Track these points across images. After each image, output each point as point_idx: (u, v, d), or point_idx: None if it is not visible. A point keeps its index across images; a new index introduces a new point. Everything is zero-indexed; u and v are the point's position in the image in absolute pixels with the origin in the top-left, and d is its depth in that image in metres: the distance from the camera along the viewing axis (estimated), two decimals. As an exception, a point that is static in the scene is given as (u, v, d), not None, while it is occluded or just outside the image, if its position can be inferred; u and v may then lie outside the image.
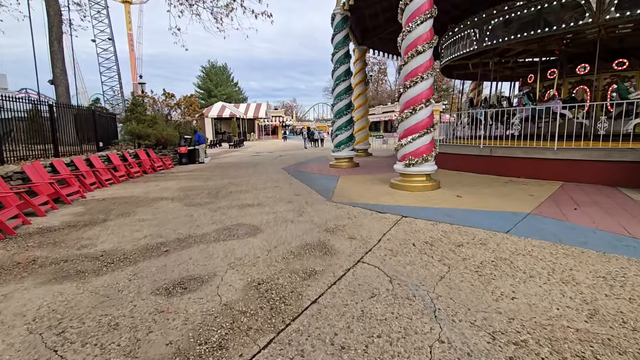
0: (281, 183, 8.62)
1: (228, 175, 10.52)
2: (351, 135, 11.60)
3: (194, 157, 15.23)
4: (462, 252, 3.59)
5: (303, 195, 6.93)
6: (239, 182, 8.97)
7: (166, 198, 7.08)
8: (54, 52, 14.35)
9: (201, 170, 12.53)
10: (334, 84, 11.41)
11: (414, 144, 6.84)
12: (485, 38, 9.39)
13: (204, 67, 54.25)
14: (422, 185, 6.89)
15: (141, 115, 13.15)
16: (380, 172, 10.23)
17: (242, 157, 17.96)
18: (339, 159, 11.62)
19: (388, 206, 5.71)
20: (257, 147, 29.01)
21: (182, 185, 8.87)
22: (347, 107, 11.34)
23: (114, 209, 6.22)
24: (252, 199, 6.74)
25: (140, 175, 11.20)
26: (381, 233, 4.34)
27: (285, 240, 4.17)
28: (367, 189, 7.39)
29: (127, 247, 4.08)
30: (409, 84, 6.72)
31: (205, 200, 6.76)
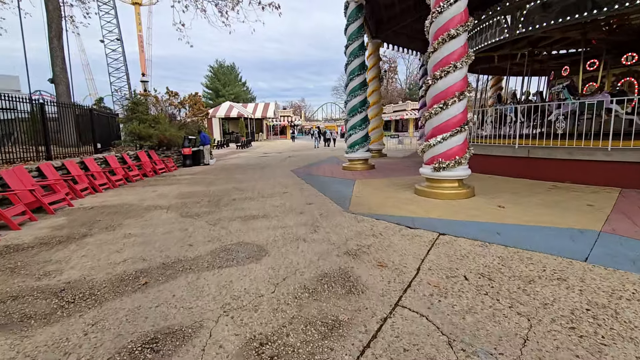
0: (291, 188, 7.75)
1: (233, 179, 9.70)
2: (366, 134, 10.67)
3: (198, 159, 14.49)
4: (537, 293, 2.64)
5: (316, 204, 6.03)
6: (244, 188, 8.13)
7: (161, 207, 6.27)
8: (54, 50, 13.76)
9: (205, 172, 11.74)
10: (348, 79, 10.49)
11: (444, 144, 5.88)
12: (518, 25, 8.35)
13: (211, 66, 53.87)
14: (453, 192, 5.93)
15: (142, 114, 12.45)
16: (400, 175, 9.27)
17: (249, 159, 17.17)
18: (353, 161, 10.69)
19: (418, 219, 4.77)
20: (265, 147, 28.26)
21: (182, 190, 8.06)
22: (361, 104, 10.41)
23: (100, 220, 5.42)
24: (257, 208, 5.87)
25: (139, 178, 10.47)
26: (418, 258, 3.42)
27: (296, 268, 3.28)
28: (388, 196, 6.46)
29: (98, 277, 3.24)
30: (440, 75, 5.76)
31: (205, 209, 5.92)
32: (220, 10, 14.13)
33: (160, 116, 13.36)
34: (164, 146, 14.03)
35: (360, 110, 10.37)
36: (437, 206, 5.48)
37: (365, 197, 6.44)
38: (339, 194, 6.85)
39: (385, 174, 9.51)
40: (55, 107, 9.52)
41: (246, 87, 58.20)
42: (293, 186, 8.04)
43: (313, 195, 6.82)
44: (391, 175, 9.21)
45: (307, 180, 8.96)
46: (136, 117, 12.40)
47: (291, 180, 9.11)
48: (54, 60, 13.74)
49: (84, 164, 8.81)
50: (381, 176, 9.16)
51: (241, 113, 36.19)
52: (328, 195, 6.70)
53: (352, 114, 10.41)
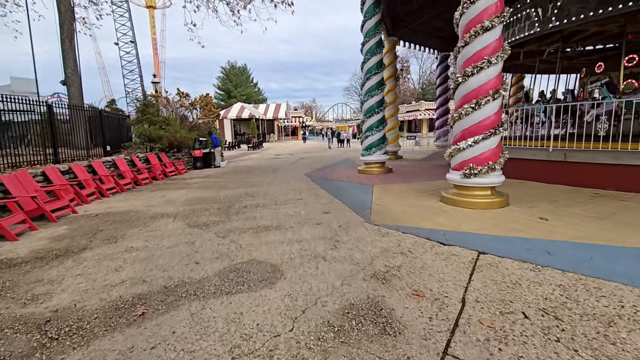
0: (305, 194, 7.28)
1: (244, 183, 9.30)
2: (383, 136, 10.13)
3: (209, 161, 14.19)
4: (624, 341, 2.10)
5: (333, 212, 5.55)
6: (255, 193, 7.70)
7: (168, 215, 5.88)
8: (66, 51, 13.67)
9: (216, 176, 11.39)
10: (364, 78, 9.98)
11: (476, 148, 5.32)
12: (552, 17, 7.70)
13: (223, 68, 54.02)
14: (486, 201, 5.36)
15: (153, 116, 12.20)
16: (420, 179, 8.70)
17: (260, 160, 16.81)
18: (370, 164, 10.17)
19: (451, 233, 4.24)
20: (277, 148, 27.94)
21: (191, 196, 7.69)
22: (378, 105, 9.88)
23: (103, 230, 5.06)
24: (270, 217, 5.42)
25: (148, 182, 10.17)
26: (460, 285, 2.90)
27: (317, 297, 2.80)
28: (412, 204, 5.92)
29: (90, 303, 2.83)
30: (471, 71, 5.21)
31: (214, 218, 5.51)
32: (232, 9, 13.82)
33: (170, 118, 13.10)
34: (175, 148, 13.77)
35: (377, 110, 9.85)
36: (468, 217, 4.93)
37: (387, 205, 5.92)
38: (357, 201, 6.35)
39: (404, 179, 8.96)
40: (64, 110, 9.30)
41: (258, 88, 58.20)
42: (307, 191, 7.57)
43: (329, 203, 6.33)
44: (411, 180, 8.65)
45: (322, 184, 8.48)
46: (146, 118, 12.16)
47: (305, 184, 8.64)
48: (66, 62, 13.64)
49: (92, 167, 8.55)
50: (400, 181, 8.61)
51: (252, 114, 36.00)
52: (345, 203, 6.21)
53: (369, 114, 9.89)
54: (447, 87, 17.68)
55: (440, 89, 17.49)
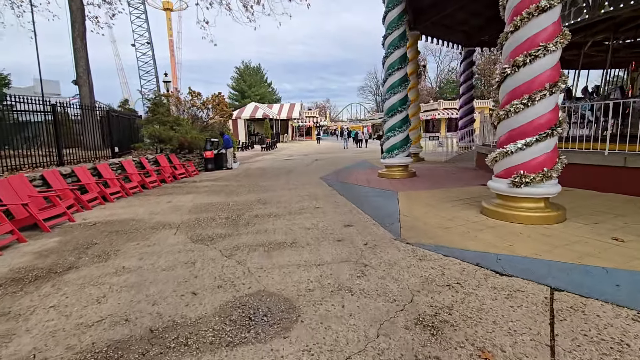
0: (322, 201, 6.58)
1: (256, 187, 8.67)
2: (407, 137, 9.33)
3: (221, 163, 13.66)
4: None
5: (356, 225, 4.82)
6: (268, 199, 7.05)
7: (171, 225, 5.28)
8: (77, 50, 13.40)
9: (227, 179, 10.82)
10: (386, 74, 9.19)
11: (527, 151, 4.49)
12: (604, 2, 6.75)
13: (238, 68, 53.91)
14: (539, 215, 4.52)
15: (163, 116, 11.74)
16: (449, 185, 7.86)
17: (273, 162, 16.21)
18: (391, 168, 9.37)
19: (505, 258, 3.44)
20: (291, 149, 27.36)
21: (199, 202, 7.10)
22: (401, 103, 9.08)
23: (97, 243, 4.48)
24: (284, 230, 4.73)
25: (156, 185, 9.67)
26: (541, 343, 2.12)
27: (347, 355, 2.08)
28: (447, 216, 5.13)
29: (53, 355, 2.19)
30: (523, 61, 4.38)
31: (220, 231, 4.86)
32: (245, 5, 13.26)
33: (181, 118, 12.64)
34: (186, 149, 13.31)
35: (400, 109, 9.05)
36: (521, 235, 4.11)
37: (418, 217, 5.15)
38: (382, 211, 5.59)
39: (431, 184, 8.13)
40: (72, 110, 8.89)
41: (272, 88, 57.89)
42: (324, 198, 6.86)
43: (350, 212, 5.60)
44: (440, 186, 7.81)
45: (340, 190, 7.75)
46: (156, 119, 11.72)
47: (321, 190, 7.93)
48: (77, 61, 13.39)
49: (97, 170, 8.08)
50: (427, 186, 7.79)
51: (266, 114, 35.58)
52: (369, 213, 5.46)
53: (391, 113, 9.10)
54: (472, 84, 16.66)
55: (464, 86, 16.47)
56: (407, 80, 9.20)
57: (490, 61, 45.20)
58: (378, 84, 79.29)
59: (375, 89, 79.84)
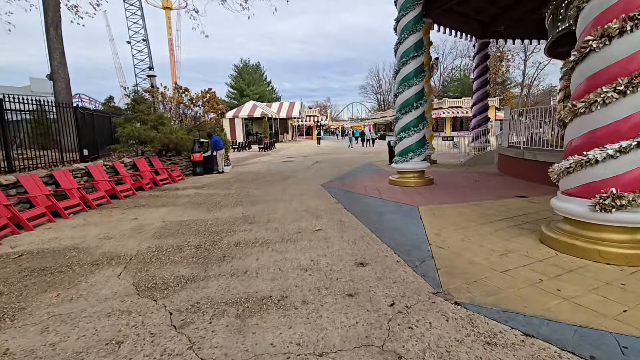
0: (324, 220, 5.20)
1: (245, 198, 7.29)
2: (423, 138, 7.94)
3: (210, 166, 12.27)
4: None
5: (373, 264, 3.44)
6: (257, 215, 5.68)
7: (120, 259, 3.90)
8: (51, 41, 12.01)
9: (214, 185, 9.44)
10: (399, 64, 7.81)
11: (621, 161, 3.10)
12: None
13: (236, 66, 52.45)
14: (636, 253, 3.14)
15: (143, 114, 10.36)
16: (479, 196, 6.46)
17: (270, 164, 14.83)
18: (405, 173, 7.99)
19: (632, 344, 2.06)
20: (290, 149, 25.97)
21: (171, 219, 5.72)
22: (417, 97, 7.70)
23: (1, 293, 3.11)
24: (271, 272, 3.36)
25: (131, 194, 8.30)
26: None
27: None
28: (496, 247, 3.75)
29: None
30: (619, 29, 2.99)
31: (183, 271, 3.49)
32: (238, -10, 11.84)
33: (164, 116, 11.25)
34: (172, 151, 11.94)
35: (416, 104, 7.66)
36: (624, 288, 2.73)
37: (456, 248, 3.76)
38: (405, 236, 4.22)
39: (456, 195, 6.74)
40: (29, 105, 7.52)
41: (271, 87, 56.45)
42: (327, 215, 5.48)
43: (362, 239, 4.22)
44: (467, 197, 6.43)
45: (346, 202, 6.38)
46: (136, 117, 10.34)
47: (323, 202, 6.55)
48: (51, 53, 12.00)
49: (54, 178, 6.71)
50: (452, 198, 6.40)
51: (265, 113, 34.20)
52: (388, 241, 4.08)
53: (405, 109, 7.72)
54: (487, 79, 15.25)
55: (478, 82, 15.07)
56: (423, 70, 7.81)
57: (497, 58, 43.73)
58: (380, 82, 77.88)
59: (377, 87, 78.45)
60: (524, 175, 7.95)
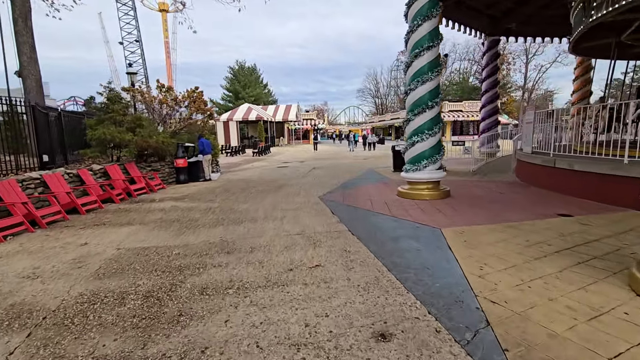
0: (325, 250, 4.01)
1: (229, 215, 6.10)
2: (439, 143, 6.82)
3: (196, 173, 11.06)
4: None
5: (400, 337, 2.25)
6: (238, 242, 4.48)
7: (28, 319, 2.70)
8: (19, 34, 10.78)
9: (196, 196, 8.24)
10: (411, 56, 6.69)
11: None
12: None
13: (231, 67, 51.27)
14: None
15: (117, 114, 9.16)
16: (512, 214, 5.30)
17: (263, 171, 13.64)
18: (416, 184, 6.84)
19: None
20: (286, 154, 24.80)
21: (128, 245, 4.51)
22: (432, 95, 6.58)
23: None
24: (243, 350, 2.16)
25: (96, 207, 7.09)
26: None
27: None
28: (573, 300, 2.58)
29: None
30: None
31: (108, 348, 2.28)
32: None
33: (143, 117, 10.06)
34: (154, 156, 10.75)
35: (431, 104, 6.54)
36: None
37: (516, 304, 2.58)
38: (435, 278, 3.05)
39: (482, 211, 5.57)
40: None
41: (268, 90, 55.29)
42: (328, 242, 4.29)
43: (377, 285, 3.04)
44: (497, 215, 5.26)
45: (350, 222, 5.20)
46: (110, 117, 9.14)
47: (322, 221, 5.37)
48: (20, 47, 10.79)
49: (-6, 190, 5.49)
50: (479, 216, 5.23)
51: (260, 116, 33.04)
52: (416, 291, 2.90)
53: (417, 109, 6.59)
54: (497, 80, 14.23)
55: (487, 82, 14.02)
56: (439, 64, 6.69)
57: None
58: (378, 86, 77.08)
59: (375, 91, 77.63)
60: (556, 186, 6.82)
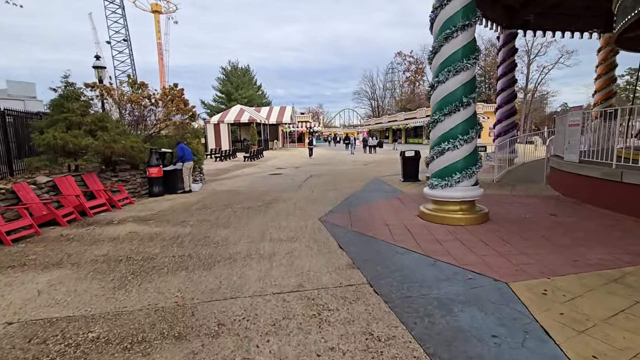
0: (336, 327, 2.45)
1: (199, 251, 4.50)
2: (475, 152, 5.30)
3: (174, 184, 9.44)
4: None
5: None
6: (201, 306, 2.89)
7: None
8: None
9: (166, 217, 6.63)
10: (439, 39, 5.18)
11: None
12: None
13: (224, 68, 49.54)
14: None
15: (73, 114, 7.51)
16: (591, 249, 3.77)
17: (254, 179, 12.04)
18: (446, 204, 5.31)
19: None
20: (280, 158, 23.20)
21: (30, 315, 2.90)
22: (467, 90, 5.08)
23: None
24: None
25: (31, 233, 5.44)
26: None
27: None
28: None
29: None
30: None
31: None
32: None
33: (107, 117, 8.41)
34: (127, 164, 9.12)
35: (466, 101, 5.03)
36: None
37: None
38: None
39: (549, 247, 4.05)
40: None
41: (261, 91, 53.66)
42: (341, 314, 2.73)
43: None
44: (573, 253, 3.74)
45: (367, 265, 3.65)
46: (64, 118, 7.49)
47: (328, 265, 3.80)
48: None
49: None
50: (550, 256, 3.70)
51: (253, 118, 31.42)
52: None
53: (447, 108, 5.08)
54: (514, 78, 12.84)
55: (503, 80, 12.61)
56: (476, 49, 5.18)
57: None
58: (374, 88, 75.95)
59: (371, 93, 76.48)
60: (624, 207, 5.34)
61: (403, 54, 63.26)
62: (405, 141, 50.10)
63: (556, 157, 8.20)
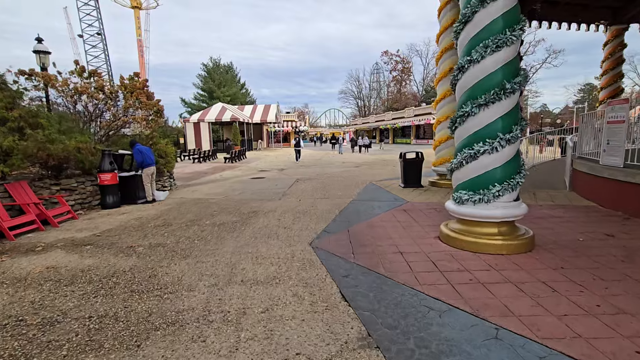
0: None
1: (136, 304, 3.03)
2: (517, 157, 4.01)
3: (133, 192, 7.85)
4: None
5: None
6: None
7: None
8: None
9: (109, 241, 5.09)
10: (467, 12, 3.87)
11: None
12: None
13: (205, 64, 47.33)
14: None
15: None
16: None
17: (232, 185, 10.52)
18: (477, 225, 4.00)
19: None
20: (264, 159, 21.66)
21: None
22: (510, 73, 3.80)
23: None
24: None
25: None
26: None
27: None
28: None
29: None
30: None
31: None
32: None
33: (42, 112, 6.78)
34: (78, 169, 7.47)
35: (510, 87, 3.75)
36: None
37: None
38: None
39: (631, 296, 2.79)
40: None
41: (245, 89, 51.69)
42: None
43: None
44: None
45: (388, 338, 2.28)
46: (-18, 113, 5.84)
47: (326, 331, 2.40)
48: None
49: None
50: None
51: (236, 116, 29.70)
52: None
53: (482, 97, 3.79)
54: (519, 72, 11.72)
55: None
56: (521, 18, 3.89)
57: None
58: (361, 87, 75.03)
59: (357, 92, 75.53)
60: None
61: (390, 53, 62.55)
62: (393, 141, 49.24)
63: (582, 160, 7.07)
